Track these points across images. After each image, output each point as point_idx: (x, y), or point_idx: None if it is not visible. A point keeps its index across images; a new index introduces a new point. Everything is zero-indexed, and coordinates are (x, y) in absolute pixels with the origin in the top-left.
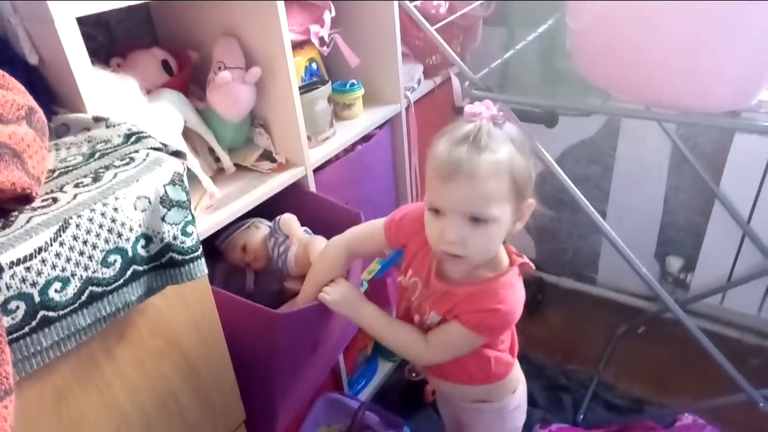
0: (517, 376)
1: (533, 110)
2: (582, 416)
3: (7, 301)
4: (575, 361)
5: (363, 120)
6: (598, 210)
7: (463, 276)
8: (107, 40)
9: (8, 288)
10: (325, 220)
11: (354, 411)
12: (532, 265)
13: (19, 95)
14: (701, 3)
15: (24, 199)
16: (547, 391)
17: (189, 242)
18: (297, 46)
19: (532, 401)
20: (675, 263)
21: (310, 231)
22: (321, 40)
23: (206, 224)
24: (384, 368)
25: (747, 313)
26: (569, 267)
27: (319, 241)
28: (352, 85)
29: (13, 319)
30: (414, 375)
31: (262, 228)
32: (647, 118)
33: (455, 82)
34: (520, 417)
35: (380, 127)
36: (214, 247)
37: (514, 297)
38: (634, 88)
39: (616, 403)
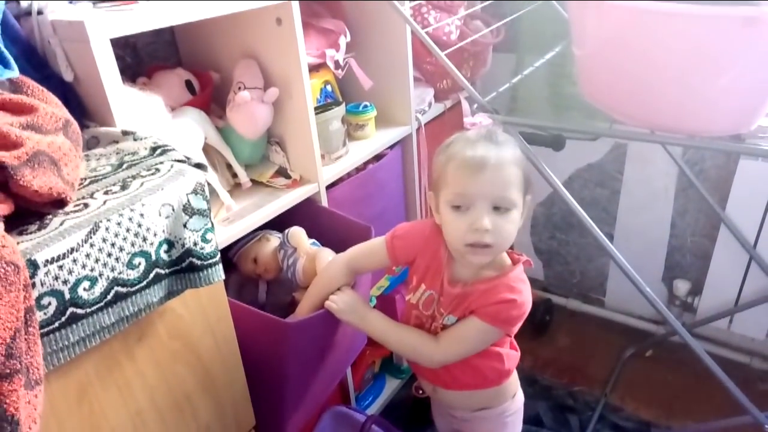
0: (516, 380)
1: (541, 134)
2: None
3: (40, 296)
4: (582, 383)
5: (375, 140)
6: (606, 233)
7: (473, 277)
8: (134, 61)
9: (42, 284)
10: (336, 234)
11: (361, 424)
12: (531, 261)
13: (56, 108)
14: (701, 30)
15: (59, 203)
16: (553, 411)
17: (208, 248)
18: (313, 68)
19: (538, 421)
20: (682, 287)
21: (318, 243)
22: (336, 63)
23: (223, 236)
24: (391, 385)
25: (755, 338)
26: (577, 289)
27: (326, 253)
28: (365, 106)
29: (45, 314)
30: (421, 392)
31: (272, 240)
32: (652, 141)
33: (465, 105)
34: (518, 423)
35: (391, 147)
36: (227, 259)
37: (527, 289)
38: (638, 113)
39: (623, 425)
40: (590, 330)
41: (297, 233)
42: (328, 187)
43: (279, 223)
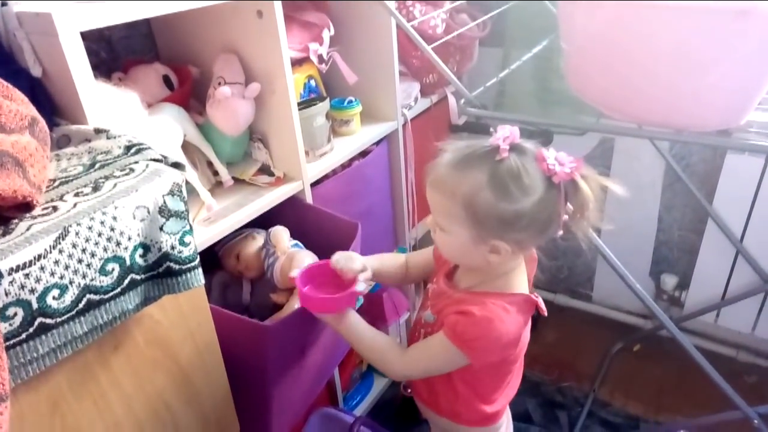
0: (492, 426)
1: (528, 128)
2: None
3: (5, 307)
4: (571, 378)
5: (360, 136)
6: (593, 228)
7: (466, 286)
8: (109, 56)
9: (7, 294)
10: (323, 232)
11: (349, 426)
12: (543, 307)
13: (22, 106)
14: (691, 25)
15: (25, 207)
16: (542, 408)
17: (186, 252)
18: (296, 63)
19: (527, 418)
20: (669, 281)
21: (300, 245)
22: (320, 57)
23: (204, 236)
24: (379, 384)
25: (741, 331)
26: (565, 284)
27: (303, 255)
28: (350, 102)
29: (11, 325)
30: (409, 391)
31: (258, 239)
32: (640, 136)
33: (451, 100)
34: None
35: (377, 143)
36: (210, 259)
37: (499, 314)
38: (626, 108)
39: (612, 421)
40: (578, 325)
41: (278, 232)
42: (313, 185)
43: (265, 222)
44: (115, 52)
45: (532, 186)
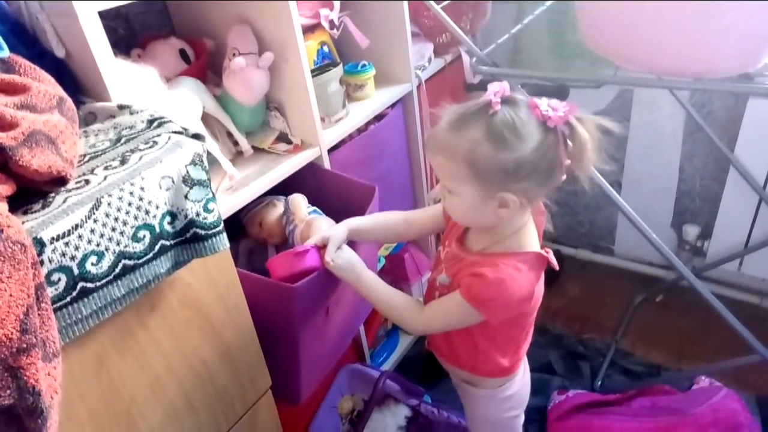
0: (510, 375)
1: (544, 83)
2: (600, 383)
3: (50, 273)
4: (593, 331)
5: (375, 100)
6: (614, 180)
7: (479, 248)
8: (126, 32)
9: (50, 261)
10: (341, 196)
11: (375, 380)
12: (555, 262)
13: (49, 86)
14: None
15: (59, 181)
16: (565, 359)
17: (211, 218)
18: (308, 30)
19: (550, 369)
20: (692, 231)
21: (319, 210)
22: (331, 23)
23: (228, 204)
24: (405, 341)
25: (766, 278)
26: (586, 239)
27: (320, 221)
28: (363, 66)
29: (56, 289)
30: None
31: (278, 206)
32: (658, 87)
33: (465, 59)
34: (511, 408)
35: (392, 106)
36: (236, 226)
37: (511, 274)
38: (642, 58)
39: (634, 370)
40: (600, 279)
41: (296, 200)
42: (330, 150)
43: (286, 189)
44: (132, 28)
45: (528, 133)
